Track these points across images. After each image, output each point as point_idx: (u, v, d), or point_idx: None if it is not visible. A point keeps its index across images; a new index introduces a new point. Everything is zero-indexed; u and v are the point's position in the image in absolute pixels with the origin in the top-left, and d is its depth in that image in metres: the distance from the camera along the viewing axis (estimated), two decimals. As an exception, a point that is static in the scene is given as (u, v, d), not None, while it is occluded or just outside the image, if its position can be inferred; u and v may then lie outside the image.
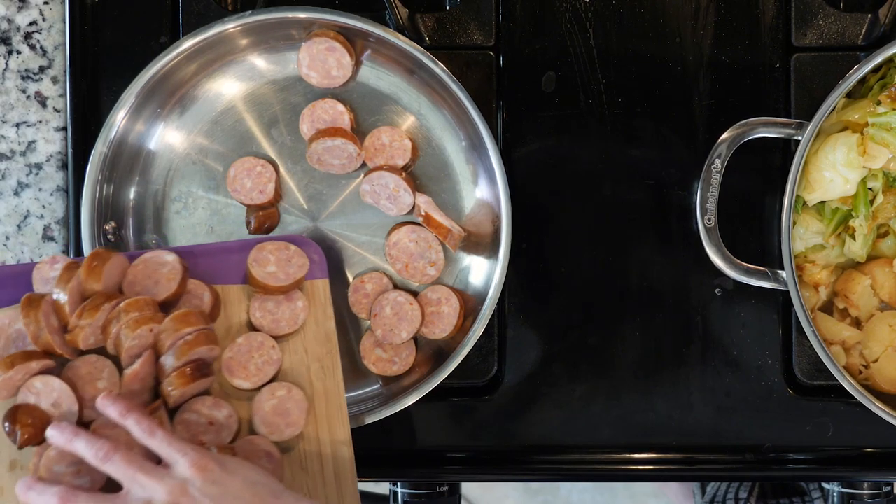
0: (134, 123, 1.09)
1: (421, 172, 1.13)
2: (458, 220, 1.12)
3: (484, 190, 1.11)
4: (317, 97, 1.12)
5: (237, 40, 1.10)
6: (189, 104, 1.12)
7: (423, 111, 1.12)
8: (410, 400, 1.07)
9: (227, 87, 1.12)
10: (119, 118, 1.07)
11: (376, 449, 1.15)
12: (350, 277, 1.13)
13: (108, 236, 1.09)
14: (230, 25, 1.07)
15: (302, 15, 1.08)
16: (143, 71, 1.07)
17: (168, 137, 1.12)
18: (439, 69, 1.06)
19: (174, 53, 1.07)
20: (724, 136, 1.06)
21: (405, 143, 1.11)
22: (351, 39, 1.10)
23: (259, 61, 1.12)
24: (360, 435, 1.08)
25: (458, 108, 1.09)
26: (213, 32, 1.07)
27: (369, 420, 1.07)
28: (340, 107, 1.11)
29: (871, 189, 1.08)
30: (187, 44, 1.07)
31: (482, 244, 1.11)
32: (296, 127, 1.12)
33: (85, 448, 0.92)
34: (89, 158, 1.07)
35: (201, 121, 1.13)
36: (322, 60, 1.10)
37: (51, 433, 0.94)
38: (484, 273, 1.11)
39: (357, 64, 1.12)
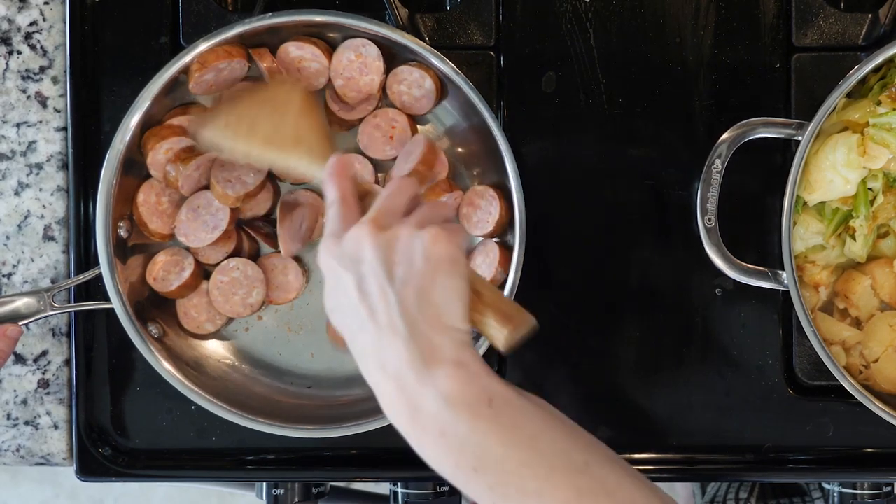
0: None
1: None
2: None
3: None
4: (317, 97, 1.12)
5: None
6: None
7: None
8: (410, 400, 1.07)
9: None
10: (134, 121, 1.05)
11: (376, 449, 1.15)
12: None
13: (122, 232, 1.09)
14: (248, 27, 1.05)
15: (317, 17, 1.07)
16: (159, 74, 1.05)
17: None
18: (444, 65, 1.06)
19: (190, 56, 1.05)
20: (725, 136, 1.06)
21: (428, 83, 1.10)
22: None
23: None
24: (360, 435, 1.08)
25: (465, 104, 1.08)
26: (230, 34, 1.05)
27: (369, 420, 1.07)
28: None
29: (871, 189, 1.08)
30: (202, 46, 1.05)
31: (482, 244, 1.11)
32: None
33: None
34: (104, 158, 1.06)
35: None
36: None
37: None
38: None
39: None
